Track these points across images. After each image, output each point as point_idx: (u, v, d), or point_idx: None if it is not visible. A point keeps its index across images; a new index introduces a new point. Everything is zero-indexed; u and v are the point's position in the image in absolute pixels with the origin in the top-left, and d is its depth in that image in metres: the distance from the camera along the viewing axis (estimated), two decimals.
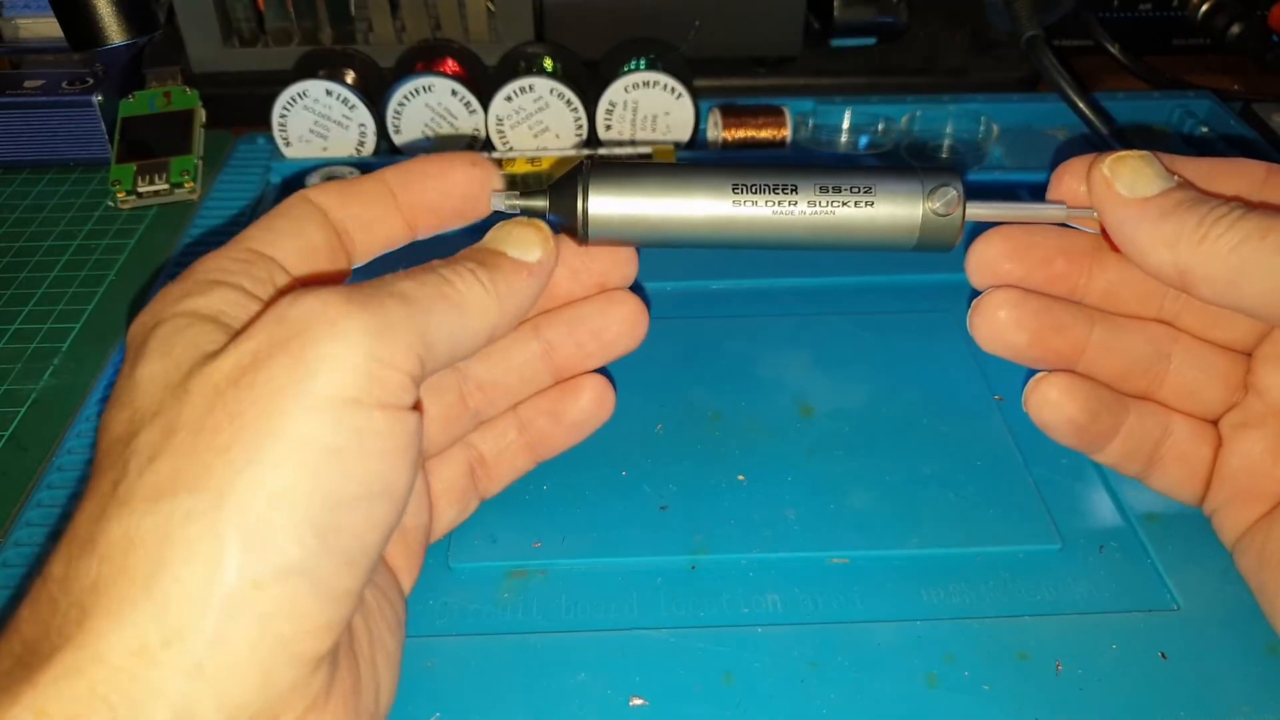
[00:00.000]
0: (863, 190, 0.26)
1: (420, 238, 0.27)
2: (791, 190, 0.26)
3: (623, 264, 0.29)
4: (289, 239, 0.24)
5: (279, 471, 0.18)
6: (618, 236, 0.27)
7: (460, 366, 0.29)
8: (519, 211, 0.26)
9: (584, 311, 0.29)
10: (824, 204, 0.26)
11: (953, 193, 0.26)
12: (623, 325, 0.29)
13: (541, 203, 0.26)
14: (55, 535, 0.32)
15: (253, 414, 0.19)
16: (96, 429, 0.21)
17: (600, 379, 0.30)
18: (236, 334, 0.21)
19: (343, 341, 0.19)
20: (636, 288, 0.30)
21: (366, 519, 0.20)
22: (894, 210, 0.26)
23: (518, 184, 0.26)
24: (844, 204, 0.26)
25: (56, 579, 0.19)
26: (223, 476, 0.18)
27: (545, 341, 0.29)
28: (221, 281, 0.22)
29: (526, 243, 0.25)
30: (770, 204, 0.26)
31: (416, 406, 0.21)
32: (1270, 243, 0.23)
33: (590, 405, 0.30)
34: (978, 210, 0.26)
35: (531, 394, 0.30)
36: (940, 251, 0.27)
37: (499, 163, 0.46)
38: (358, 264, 0.26)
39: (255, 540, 0.18)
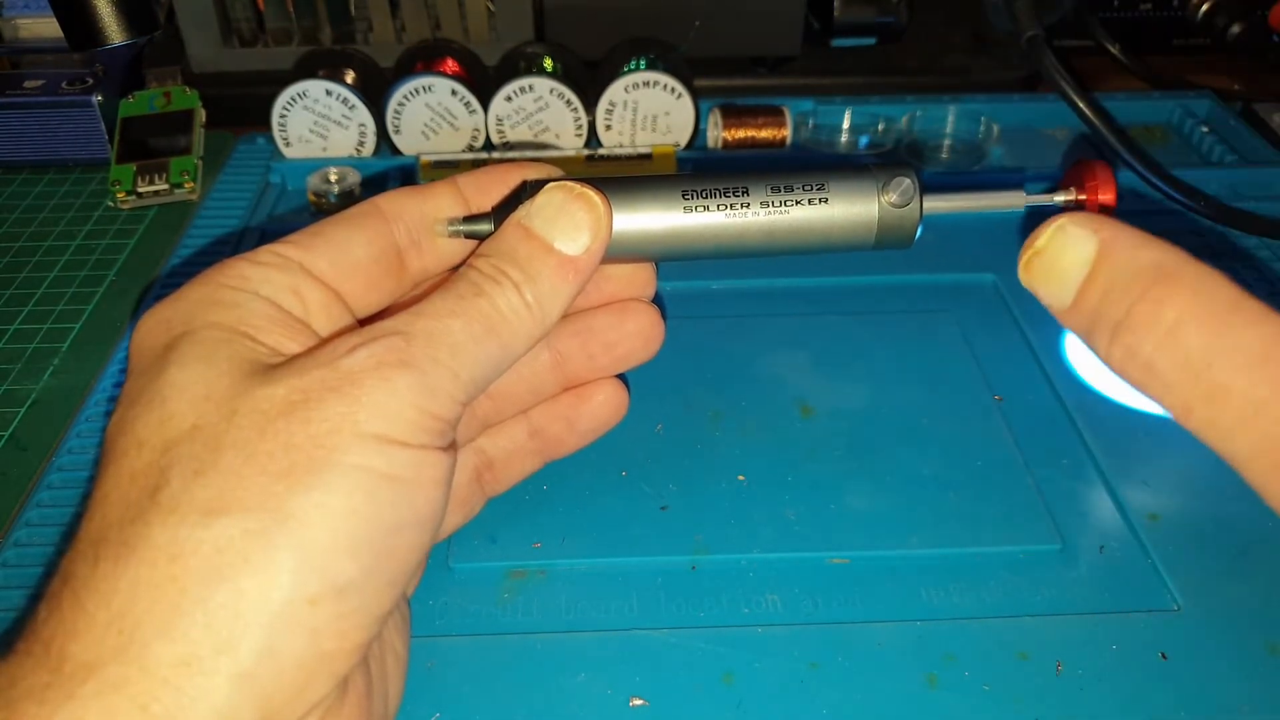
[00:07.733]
0: (815, 188, 0.25)
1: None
2: (743, 192, 0.25)
3: (640, 284, 0.29)
4: (329, 250, 0.24)
5: (339, 494, 0.19)
6: None
7: None
8: (463, 235, 0.25)
9: (598, 322, 0.29)
10: (777, 204, 0.25)
11: (907, 183, 0.25)
12: (637, 340, 0.29)
13: (487, 226, 0.25)
14: (57, 535, 0.32)
15: (308, 445, 0.19)
16: (107, 425, 0.21)
17: (614, 382, 0.30)
18: (283, 364, 0.21)
19: (394, 395, 0.20)
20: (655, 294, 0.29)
21: (410, 543, 0.21)
22: (850, 207, 0.25)
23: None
24: (798, 203, 0.25)
25: (80, 579, 0.19)
26: (283, 498, 0.19)
27: (556, 352, 0.29)
28: (245, 290, 0.22)
29: (576, 226, 0.24)
30: (723, 208, 0.25)
31: (451, 445, 0.22)
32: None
33: (604, 412, 0.30)
34: (935, 203, 0.26)
35: (539, 401, 0.30)
36: (900, 248, 0.26)
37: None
38: (425, 275, 0.26)
39: (314, 558, 0.19)
